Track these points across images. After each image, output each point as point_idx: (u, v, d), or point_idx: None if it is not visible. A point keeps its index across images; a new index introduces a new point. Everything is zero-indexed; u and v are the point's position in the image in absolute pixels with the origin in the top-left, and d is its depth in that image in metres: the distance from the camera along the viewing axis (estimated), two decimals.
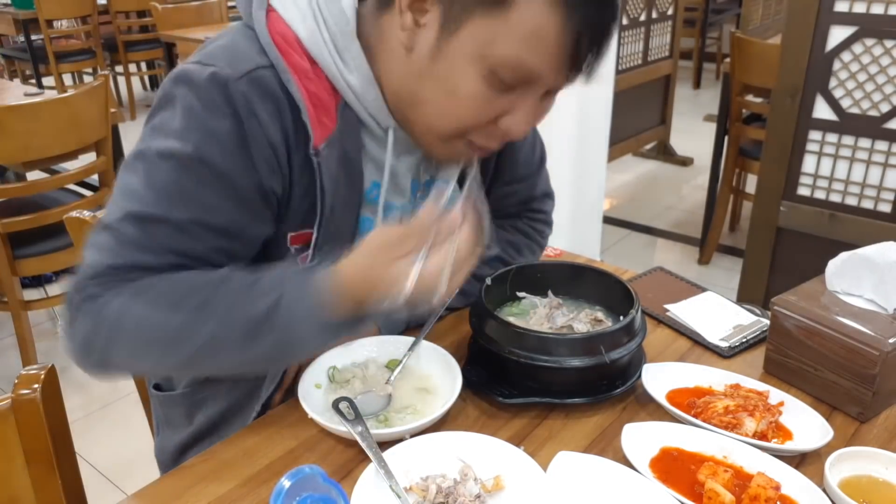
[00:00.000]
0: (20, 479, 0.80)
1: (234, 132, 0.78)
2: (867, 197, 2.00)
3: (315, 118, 0.81)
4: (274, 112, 0.79)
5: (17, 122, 2.03)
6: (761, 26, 4.37)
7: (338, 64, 0.82)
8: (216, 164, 0.78)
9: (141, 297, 0.77)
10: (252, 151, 0.79)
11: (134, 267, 0.79)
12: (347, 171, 0.87)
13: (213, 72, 0.77)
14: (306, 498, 0.66)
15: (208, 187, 0.79)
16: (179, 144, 0.78)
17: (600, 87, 2.59)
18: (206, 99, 0.77)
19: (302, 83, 0.80)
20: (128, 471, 2.03)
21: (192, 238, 0.80)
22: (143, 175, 0.79)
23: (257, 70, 0.79)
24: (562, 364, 0.87)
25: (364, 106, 0.85)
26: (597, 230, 2.87)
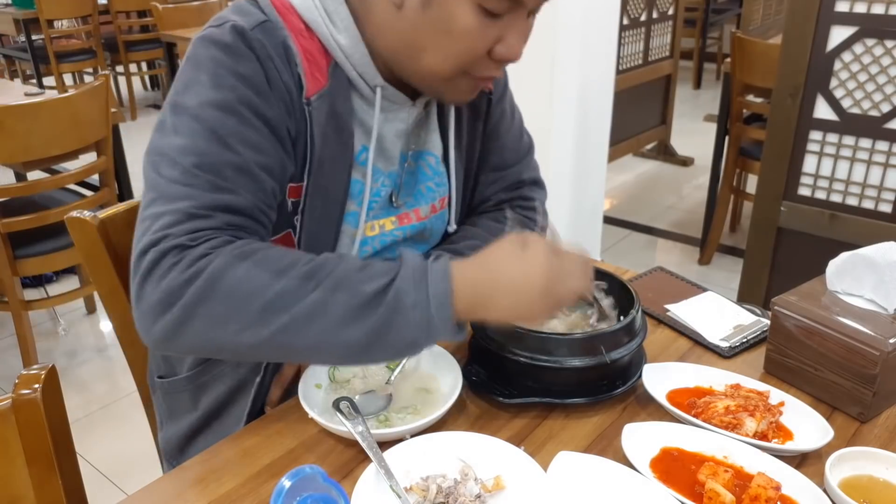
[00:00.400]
0: (21, 479, 0.80)
1: (260, 73, 0.83)
2: (868, 197, 2.00)
3: (309, 72, 0.86)
4: (283, 59, 0.85)
5: (17, 122, 2.03)
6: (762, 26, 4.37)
7: (328, 25, 0.87)
8: (253, 104, 0.82)
9: (245, 259, 0.74)
10: (275, 91, 0.84)
11: (216, 207, 0.78)
12: (336, 128, 0.90)
13: (231, 24, 0.83)
14: (306, 498, 0.66)
15: (251, 128, 0.82)
16: (214, 93, 0.81)
17: (601, 87, 2.59)
18: (230, 48, 0.82)
19: (297, 39, 0.86)
20: (128, 471, 2.03)
21: (253, 179, 0.81)
22: (187, 129, 0.80)
23: (265, 22, 0.85)
24: (562, 364, 0.87)
25: (353, 64, 0.89)
26: (597, 230, 2.86)
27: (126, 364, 1.16)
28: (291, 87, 0.85)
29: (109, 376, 2.47)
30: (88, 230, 1.05)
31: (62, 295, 2.48)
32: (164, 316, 0.74)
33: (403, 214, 1.01)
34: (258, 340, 0.74)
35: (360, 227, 0.95)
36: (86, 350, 2.62)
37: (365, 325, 0.74)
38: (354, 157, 0.93)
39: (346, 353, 0.76)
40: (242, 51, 0.82)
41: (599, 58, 2.53)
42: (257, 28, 0.84)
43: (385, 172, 0.98)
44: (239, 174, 0.80)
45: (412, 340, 0.76)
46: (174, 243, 0.74)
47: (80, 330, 2.75)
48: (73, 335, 2.72)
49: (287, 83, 0.85)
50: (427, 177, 1.03)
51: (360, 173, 0.95)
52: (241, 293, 0.73)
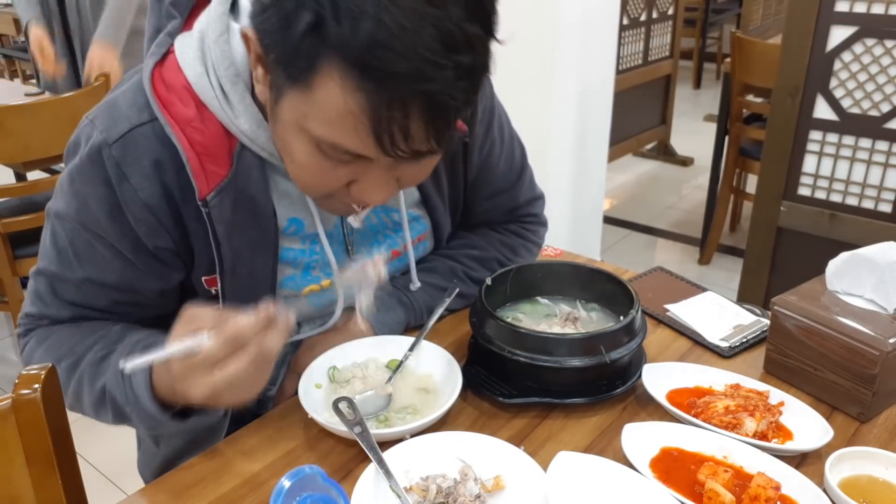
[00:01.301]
0: (21, 479, 0.80)
1: (105, 198, 0.80)
2: (867, 197, 2.00)
3: (200, 169, 0.79)
4: (151, 172, 0.79)
5: (17, 122, 2.03)
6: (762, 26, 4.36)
7: (225, 108, 0.79)
8: (94, 228, 0.83)
9: (40, 345, 0.90)
10: (127, 215, 0.81)
11: (42, 316, 0.92)
12: (251, 213, 0.84)
13: (91, 142, 0.80)
14: (306, 498, 0.66)
15: (94, 249, 0.85)
16: (65, 207, 0.84)
17: (601, 87, 2.59)
18: (81, 168, 0.81)
19: (185, 134, 0.78)
20: (128, 471, 2.02)
21: (90, 294, 0.88)
22: (49, 232, 0.88)
23: (134, 130, 0.79)
24: (562, 364, 0.87)
25: (260, 146, 0.82)
26: (597, 230, 2.87)
27: None
28: (157, 203, 0.80)
29: None
30: None
31: None
32: None
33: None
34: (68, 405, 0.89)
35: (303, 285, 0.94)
36: None
37: (109, 415, 0.86)
38: (281, 233, 0.89)
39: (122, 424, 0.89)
40: (90, 174, 0.80)
41: (599, 58, 2.53)
42: (118, 143, 0.78)
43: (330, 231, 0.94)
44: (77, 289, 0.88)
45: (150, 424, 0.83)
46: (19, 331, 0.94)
47: None
48: None
49: (149, 201, 0.79)
50: (385, 226, 1.00)
51: (290, 243, 0.91)
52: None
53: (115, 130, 0.79)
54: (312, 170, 0.74)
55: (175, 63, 0.80)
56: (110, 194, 0.80)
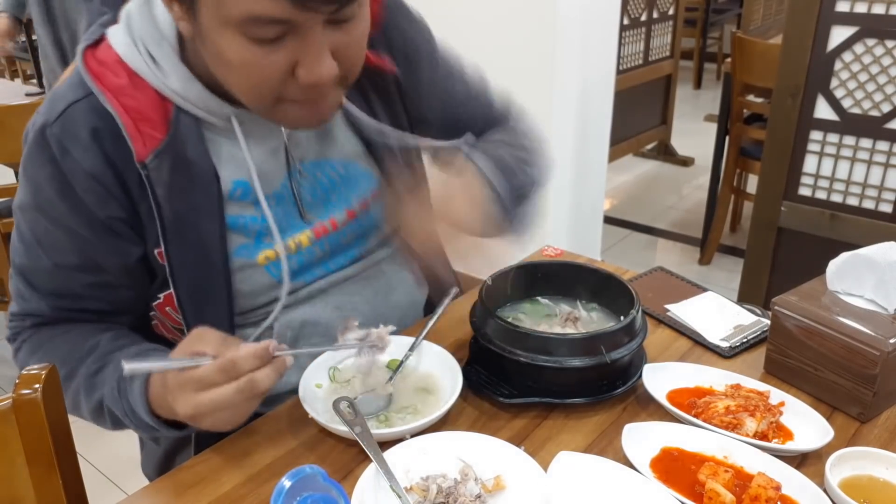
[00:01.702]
0: (21, 479, 0.80)
1: (53, 177, 0.83)
2: (868, 197, 2.00)
3: (136, 132, 0.81)
4: (90, 142, 0.81)
5: (17, 122, 2.02)
6: (762, 26, 4.36)
7: (155, 72, 0.82)
8: (48, 210, 0.85)
9: (33, 355, 0.92)
10: (74, 188, 0.82)
11: (25, 314, 0.94)
12: (192, 176, 0.85)
13: (35, 126, 0.84)
14: (307, 498, 0.66)
15: (52, 232, 0.86)
16: (22, 198, 0.87)
17: (601, 87, 2.59)
18: (30, 153, 0.85)
19: (119, 101, 0.81)
20: (128, 471, 2.03)
21: (61, 279, 0.89)
22: (15, 228, 0.90)
23: (70, 107, 0.82)
24: (562, 364, 0.87)
25: (193, 104, 0.84)
26: (597, 230, 2.86)
27: None
28: (101, 171, 0.82)
29: None
30: None
31: None
32: None
33: (317, 227, 0.96)
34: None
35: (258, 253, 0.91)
36: None
37: (107, 423, 0.89)
38: (227, 197, 0.88)
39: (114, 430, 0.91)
40: (37, 156, 0.83)
41: (599, 58, 2.53)
42: (56, 122, 0.81)
43: (269, 194, 0.91)
44: (48, 277, 0.90)
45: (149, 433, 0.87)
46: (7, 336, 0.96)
47: None
48: None
49: (92, 170, 0.81)
50: (335, 184, 0.98)
51: (238, 208, 0.90)
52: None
53: (54, 111, 0.82)
54: (251, 65, 0.74)
55: (107, 44, 0.84)
56: (57, 171, 0.82)
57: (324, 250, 0.97)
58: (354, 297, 1.01)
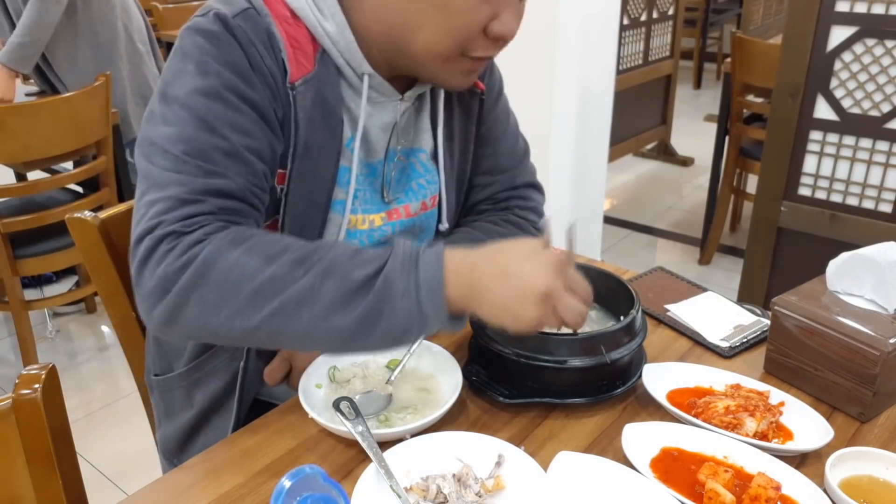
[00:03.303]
0: (21, 479, 0.80)
1: (243, 59, 0.84)
2: (868, 197, 2.00)
3: (293, 57, 0.87)
4: (267, 45, 0.86)
5: (17, 122, 2.03)
6: (762, 26, 4.37)
7: (315, 13, 0.88)
8: (239, 88, 0.83)
9: (238, 245, 0.76)
10: (258, 76, 0.85)
11: (207, 191, 0.79)
12: (324, 114, 0.90)
13: (214, 13, 0.84)
14: (307, 498, 0.66)
15: (238, 112, 0.83)
16: (201, 80, 0.82)
17: (601, 87, 2.59)
18: (214, 35, 0.83)
19: (282, 26, 0.87)
20: (128, 471, 2.03)
21: (243, 162, 0.82)
22: (175, 118, 0.81)
23: (248, 10, 0.86)
24: (562, 364, 0.87)
25: (339, 51, 0.90)
26: (597, 230, 2.87)
27: (126, 364, 1.16)
28: (276, 73, 0.86)
29: (109, 376, 2.47)
30: (89, 230, 1.05)
31: (62, 295, 2.48)
32: (161, 302, 0.76)
33: (393, 210, 1.01)
34: (250, 325, 0.75)
35: (345, 217, 0.95)
36: (86, 350, 2.62)
37: (354, 313, 0.74)
38: (344, 145, 0.93)
39: (337, 339, 0.76)
40: (225, 37, 0.84)
41: (599, 58, 2.53)
42: (239, 16, 0.85)
43: (366, 163, 0.97)
44: (228, 158, 0.81)
45: (404, 328, 0.75)
46: (168, 230, 0.76)
47: (80, 330, 2.75)
48: (73, 335, 2.72)
49: (271, 68, 0.86)
50: (418, 173, 1.04)
51: (349, 161, 0.95)
52: (232, 279, 0.74)
53: (236, 6, 0.86)
54: (466, 9, 0.83)
55: None
56: (244, 55, 0.84)
57: (391, 233, 1.01)
58: None
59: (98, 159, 2.31)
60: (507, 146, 1.13)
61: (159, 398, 1.07)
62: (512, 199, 1.15)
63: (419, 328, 0.75)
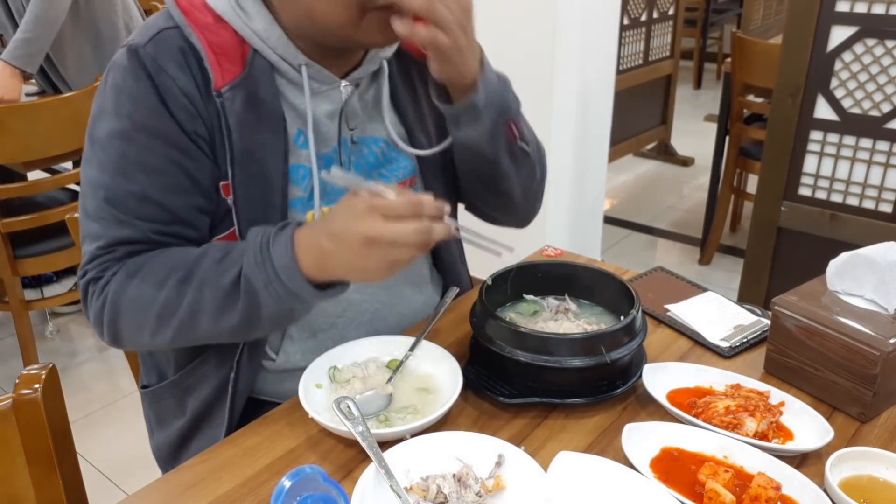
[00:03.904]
0: (21, 479, 0.80)
1: (151, 91, 0.85)
2: (868, 197, 2.00)
3: (216, 64, 0.87)
4: (180, 63, 0.86)
5: (17, 122, 2.03)
6: (762, 26, 4.37)
7: (240, 15, 0.88)
8: (148, 125, 0.86)
9: (133, 277, 0.87)
10: (169, 103, 0.86)
11: (118, 242, 0.89)
12: (261, 115, 0.89)
13: (125, 47, 0.87)
14: (307, 498, 0.66)
15: (150, 151, 0.87)
16: (116, 121, 0.87)
17: (601, 87, 2.59)
18: (125, 71, 0.86)
19: (203, 35, 0.87)
20: (128, 471, 2.03)
21: (157, 203, 0.88)
22: (97, 161, 0.88)
23: (161, 32, 0.87)
24: (562, 364, 0.87)
25: (272, 48, 0.89)
26: (597, 230, 2.87)
27: (126, 364, 1.16)
28: (191, 90, 0.86)
29: (109, 376, 2.47)
30: None
31: (62, 295, 2.48)
32: (102, 331, 0.91)
33: None
34: (168, 339, 0.88)
35: (316, 210, 0.94)
36: (86, 350, 2.62)
37: (236, 312, 0.83)
38: (292, 142, 0.92)
39: (237, 335, 0.88)
40: (134, 72, 0.86)
41: (599, 58, 2.53)
42: (150, 42, 0.86)
43: (321, 155, 0.96)
44: (142, 203, 0.88)
45: (285, 311, 0.84)
46: (90, 277, 0.90)
47: (80, 330, 2.75)
48: (73, 335, 2.72)
49: (185, 88, 0.86)
50: (381, 162, 1.01)
51: (300, 158, 0.94)
52: (137, 309, 0.87)
53: (146, 35, 0.87)
54: None
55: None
56: (152, 87, 0.86)
57: None
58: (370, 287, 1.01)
59: None
60: None
61: (149, 409, 1.08)
62: None
63: (298, 305, 0.83)
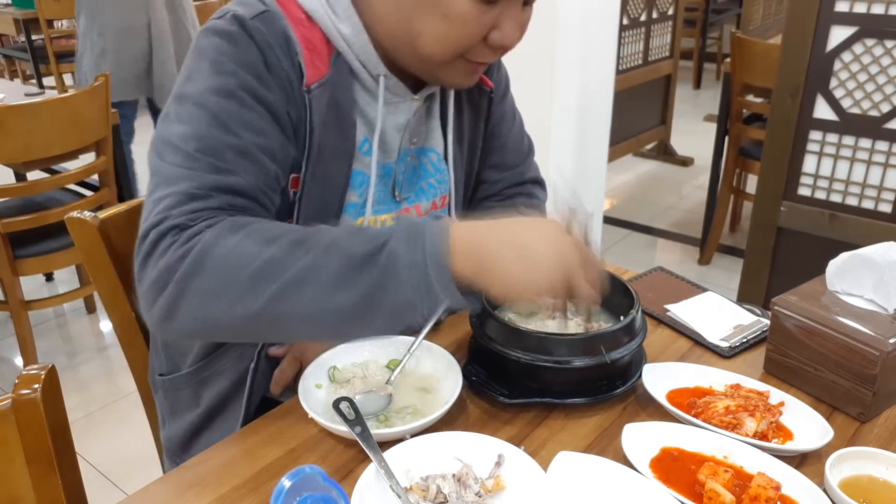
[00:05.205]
0: (20, 479, 0.80)
1: (259, 59, 0.84)
2: (868, 197, 2.00)
3: (309, 60, 0.87)
4: (283, 48, 0.86)
5: (17, 122, 2.03)
6: (762, 26, 4.37)
7: (330, 16, 0.89)
8: (254, 88, 0.84)
9: (236, 231, 0.75)
10: (275, 78, 0.85)
11: (217, 188, 0.79)
12: (338, 118, 0.91)
13: (231, 14, 0.85)
14: (307, 498, 0.66)
15: (252, 111, 0.83)
16: (215, 79, 0.83)
17: (601, 87, 2.59)
18: (231, 36, 0.84)
19: (297, 29, 0.87)
20: (128, 471, 2.03)
21: (254, 161, 0.83)
22: (188, 116, 0.82)
23: (265, 12, 0.86)
24: (562, 364, 0.87)
25: (355, 53, 0.90)
26: (597, 230, 2.87)
27: (126, 364, 1.16)
28: (291, 75, 0.87)
29: (109, 376, 2.47)
30: (88, 230, 1.05)
31: (62, 295, 2.48)
32: (161, 294, 0.75)
33: (404, 210, 1.02)
34: (251, 312, 0.73)
35: (366, 218, 0.96)
36: (86, 350, 2.62)
37: (358, 288, 0.73)
38: (357, 148, 0.94)
39: (342, 320, 0.75)
40: (242, 38, 0.84)
41: (599, 58, 2.53)
42: (257, 17, 0.85)
43: (381, 164, 0.98)
44: (240, 157, 0.81)
45: (410, 304, 0.74)
46: (173, 223, 0.76)
47: (80, 330, 2.75)
48: (73, 335, 2.72)
49: (287, 71, 0.86)
50: (429, 173, 1.04)
51: (362, 164, 0.95)
52: (231, 264, 0.73)
53: (252, 10, 0.86)
54: (466, 18, 0.82)
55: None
56: (261, 56, 0.84)
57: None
58: None
59: (98, 159, 2.31)
60: (514, 142, 1.15)
61: (164, 398, 1.07)
62: (517, 195, 1.16)
63: (428, 304, 0.75)
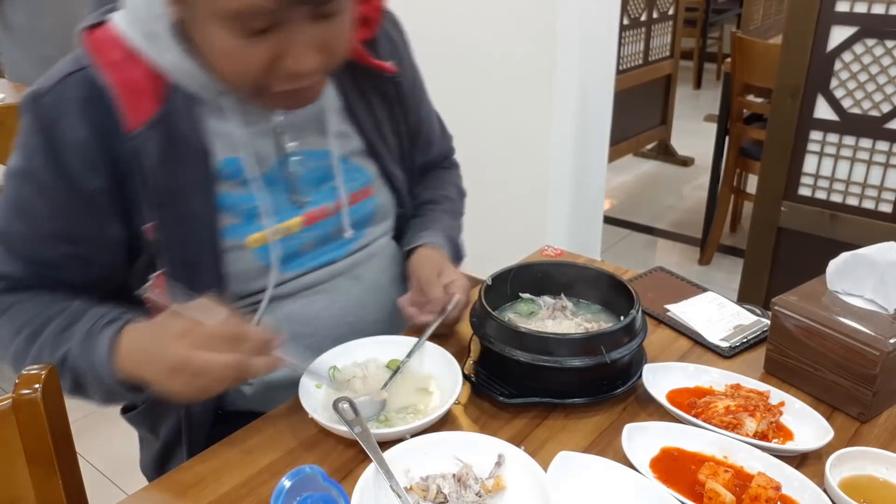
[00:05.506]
0: (21, 479, 0.80)
1: (43, 144, 0.84)
2: (868, 197, 2.00)
3: (128, 103, 0.83)
4: (79, 113, 0.83)
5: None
6: (762, 26, 4.37)
7: (151, 47, 0.84)
8: (37, 175, 0.85)
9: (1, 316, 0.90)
10: (61, 158, 0.84)
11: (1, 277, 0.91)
12: (181, 152, 0.87)
13: (30, 93, 0.85)
14: (307, 498, 0.66)
15: (39, 197, 0.87)
16: (13, 164, 0.87)
17: (601, 87, 2.59)
18: (25, 119, 0.85)
19: (112, 74, 0.83)
20: (128, 471, 2.02)
21: (40, 246, 0.89)
22: (4, 193, 0.89)
23: (66, 78, 0.83)
24: (562, 364, 0.87)
25: (189, 77, 0.86)
26: (597, 230, 2.87)
27: None
28: (91, 142, 0.83)
29: None
30: None
31: None
32: None
33: (308, 214, 0.97)
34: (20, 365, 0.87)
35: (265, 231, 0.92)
36: None
37: (67, 382, 0.87)
38: (216, 174, 0.90)
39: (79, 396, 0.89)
40: (30, 123, 0.84)
41: (599, 58, 2.53)
42: (53, 90, 0.83)
43: (263, 174, 0.93)
44: (25, 243, 0.89)
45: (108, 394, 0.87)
46: None
47: None
48: None
49: (83, 139, 0.82)
50: (330, 175, 0.99)
51: (229, 186, 0.91)
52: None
53: (49, 81, 0.84)
54: (236, 54, 0.78)
55: (106, 26, 0.86)
56: (46, 139, 0.84)
57: (314, 239, 0.98)
58: (343, 295, 1.01)
59: None
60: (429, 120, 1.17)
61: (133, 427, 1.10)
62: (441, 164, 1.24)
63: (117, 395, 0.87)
